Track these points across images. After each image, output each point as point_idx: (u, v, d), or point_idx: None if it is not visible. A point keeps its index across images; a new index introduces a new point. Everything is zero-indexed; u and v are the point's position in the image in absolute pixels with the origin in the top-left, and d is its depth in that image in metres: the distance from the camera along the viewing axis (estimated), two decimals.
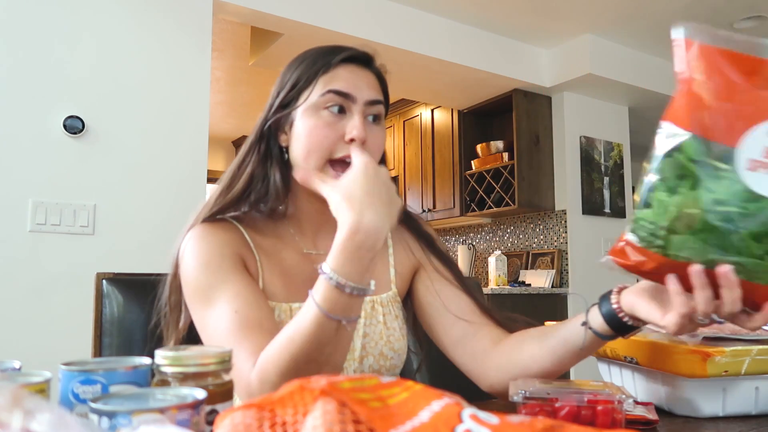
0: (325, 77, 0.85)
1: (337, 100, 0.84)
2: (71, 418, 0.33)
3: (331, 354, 0.69)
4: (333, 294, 0.67)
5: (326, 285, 0.67)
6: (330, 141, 0.83)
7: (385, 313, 0.91)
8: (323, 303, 0.66)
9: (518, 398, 0.66)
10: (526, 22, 3.45)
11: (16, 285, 2.11)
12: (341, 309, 0.67)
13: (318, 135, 0.83)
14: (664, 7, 3.26)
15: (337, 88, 0.84)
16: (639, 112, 4.37)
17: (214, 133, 5.50)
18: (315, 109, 0.84)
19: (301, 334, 0.67)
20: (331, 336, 0.67)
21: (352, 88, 0.85)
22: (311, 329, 0.67)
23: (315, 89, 0.85)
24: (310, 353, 0.67)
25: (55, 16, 2.27)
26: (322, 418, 0.36)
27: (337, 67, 0.86)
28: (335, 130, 0.83)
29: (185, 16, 2.54)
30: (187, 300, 0.83)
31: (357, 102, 0.85)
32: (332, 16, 2.96)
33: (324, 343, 0.67)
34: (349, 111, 0.85)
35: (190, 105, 2.52)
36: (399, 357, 0.92)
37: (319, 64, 0.86)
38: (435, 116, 4.45)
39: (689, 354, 0.73)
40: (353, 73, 0.87)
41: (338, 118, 0.84)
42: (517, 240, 4.27)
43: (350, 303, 0.67)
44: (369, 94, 0.86)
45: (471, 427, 0.36)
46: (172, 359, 0.52)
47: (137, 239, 2.32)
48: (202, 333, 0.80)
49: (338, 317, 0.67)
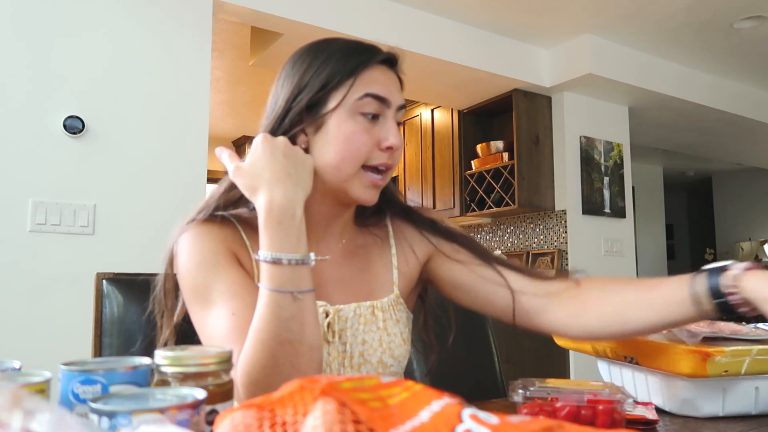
0: (361, 78, 0.81)
1: (374, 104, 0.81)
2: (71, 418, 0.33)
3: (301, 330, 0.69)
4: (273, 270, 0.69)
5: (265, 265, 0.70)
6: (368, 148, 0.81)
7: (386, 319, 0.88)
8: (269, 282, 0.69)
9: (518, 398, 0.66)
10: (526, 22, 3.45)
11: (16, 285, 2.11)
12: (288, 281, 0.69)
13: (357, 142, 0.80)
14: (664, 7, 3.25)
15: (377, 92, 0.81)
16: (639, 112, 4.37)
17: (214, 133, 5.49)
18: (351, 114, 0.81)
19: (262, 320, 0.69)
20: (291, 310, 0.68)
21: (388, 93, 0.82)
22: (268, 310, 0.69)
23: (351, 91, 0.80)
24: (278, 333, 0.67)
25: (56, 16, 2.27)
26: (322, 418, 0.36)
27: (373, 68, 0.82)
28: (372, 137, 0.81)
29: (185, 16, 2.54)
30: (185, 299, 0.82)
31: (391, 107, 0.83)
32: (332, 16, 2.96)
33: (286, 319, 0.68)
34: (382, 116, 0.82)
35: (190, 105, 2.52)
36: (399, 364, 0.89)
37: (353, 59, 0.81)
38: (435, 116, 4.45)
39: (689, 354, 0.72)
40: (386, 75, 0.84)
41: (373, 124, 0.82)
42: (517, 240, 4.27)
43: (294, 274, 0.69)
44: (400, 99, 0.85)
45: (471, 427, 0.36)
46: (172, 359, 0.52)
47: (137, 239, 2.32)
48: (201, 334, 0.79)
49: (288, 290, 0.68)
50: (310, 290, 0.70)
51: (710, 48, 3.82)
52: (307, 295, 0.70)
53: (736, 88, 4.49)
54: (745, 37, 3.63)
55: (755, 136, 5.20)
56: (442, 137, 4.35)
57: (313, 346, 0.70)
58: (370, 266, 0.92)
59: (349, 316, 0.86)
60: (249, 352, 0.68)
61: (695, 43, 3.73)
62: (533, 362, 3.54)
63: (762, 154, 6.06)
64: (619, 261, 4.11)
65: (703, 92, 4.24)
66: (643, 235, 6.48)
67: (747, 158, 6.33)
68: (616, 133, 4.21)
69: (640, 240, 6.04)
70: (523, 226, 4.21)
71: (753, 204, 7.59)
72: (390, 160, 0.83)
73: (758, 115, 4.63)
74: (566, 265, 3.88)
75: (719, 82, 4.37)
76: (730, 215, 7.83)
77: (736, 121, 4.64)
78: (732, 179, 7.78)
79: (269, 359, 0.67)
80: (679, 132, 5.04)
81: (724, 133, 5.06)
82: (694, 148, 5.74)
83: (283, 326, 0.67)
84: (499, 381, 1.33)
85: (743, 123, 4.70)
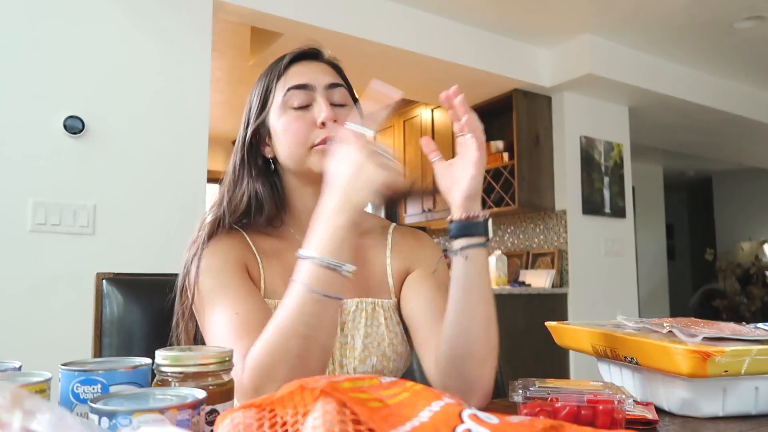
0: (282, 80, 0.92)
1: (299, 93, 0.89)
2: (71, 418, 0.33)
3: (318, 329, 0.70)
4: (309, 268, 0.71)
5: (302, 261, 0.72)
6: (304, 131, 0.88)
7: (387, 317, 0.91)
8: (302, 277, 0.71)
9: (518, 398, 0.66)
10: (526, 21, 3.45)
11: (16, 285, 2.11)
12: (318, 282, 0.70)
13: (291, 129, 0.88)
14: (664, 7, 3.25)
15: (295, 83, 0.90)
16: (639, 112, 4.37)
17: (214, 133, 5.48)
18: (282, 110, 0.90)
19: (285, 309, 0.71)
20: (314, 309, 0.70)
21: (308, 79, 0.90)
22: (294, 302, 0.70)
23: (277, 93, 0.91)
24: (296, 326, 0.69)
25: (56, 16, 2.27)
26: (322, 418, 0.36)
27: (289, 68, 0.93)
28: (306, 120, 0.89)
29: (185, 16, 2.54)
30: (194, 304, 0.85)
31: (317, 89, 0.90)
32: (332, 16, 2.96)
33: (308, 314, 0.70)
34: (313, 101, 0.90)
35: (190, 105, 2.52)
36: (401, 360, 0.92)
37: (274, 71, 0.93)
38: (435, 116, 4.45)
39: (689, 354, 0.72)
40: (306, 67, 0.93)
41: (306, 111, 0.89)
42: (517, 240, 4.27)
43: (326, 278, 0.71)
44: (326, 80, 0.92)
45: (471, 427, 0.36)
46: (172, 359, 0.52)
47: (137, 239, 2.32)
48: (205, 334, 0.82)
49: (317, 291, 0.70)
50: (338, 298, 0.72)
51: (710, 48, 3.82)
52: (333, 301, 0.71)
53: (737, 88, 4.49)
54: (745, 38, 3.63)
55: (755, 136, 5.20)
56: (442, 137, 4.35)
57: (325, 347, 0.72)
58: (366, 265, 0.95)
59: (351, 309, 0.89)
60: (265, 336, 0.71)
61: (696, 43, 3.73)
62: (533, 362, 3.54)
63: (762, 154, 6.06)
64: (619, 261, 4.11)
65: (704, 92, 4.24)
66: (643, 235, 6.48)
67: (747, 158, 6.33)
68: (616, 133, 4.21)
69: (640, 240, 6.04)
70: (523, 226, 4.21)
71: (753, 204, 7.59)
72: (332, 133, 0.87)
73: (758, 115, 4.63)
74: (566, 264, 3.88)
75: (719, 82, 4.38)
76: (730, 215, 7.83)
77: (737, 121, 4.64)
78: (732, 179, 7.78)
79: (282, 347, 0.69)
80: (679, 132, 5.04)
81: (725, 133, 5.06)
82: (694, 148, 5.74)
83: (303, 321, 0.70)
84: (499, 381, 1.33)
85: (743, 123, 4.70)
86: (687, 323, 0.86)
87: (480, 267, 0.79)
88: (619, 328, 0.89)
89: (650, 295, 6.70)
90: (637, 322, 0.89)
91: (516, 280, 4.05)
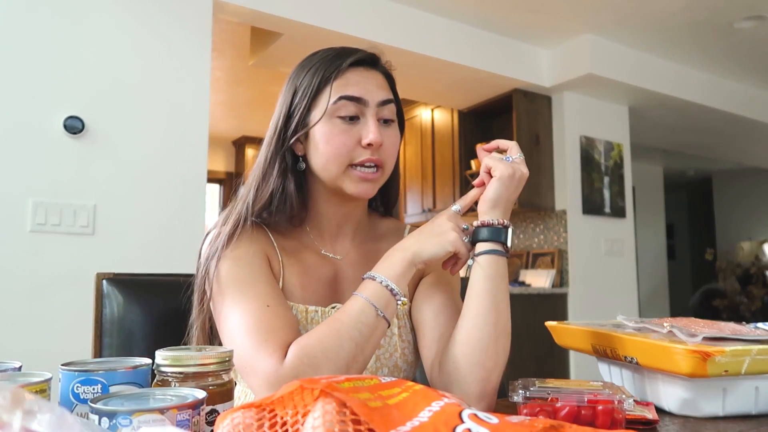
0: (335, 84, 0.86)
1: (350, 105, 0.85)
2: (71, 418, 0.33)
3: (366, 340, 0.75)
4: (376, 288, 0.77)
5: (370, 282, 0.78)
6: (348, 148, 0.85)
7: (400, 326, 0.90)
8: (369, 293, 0.77)
9: (518, 398, 0.66)
10: (526, 21, 3.45)
11: (16, 285, 2.11)
12: (380, 300, 0.76)
13: (335, 143, 0.85)
14: (664, 7, 3.25)
15: (350, 93, 0.85)
16: (639, 112, 4.37)
17: (214, 133, 5.50)
18: (329, 117, 0.85)
19: (346, 313, 0.75)
20: (369, 321, 0.75)
21: (363, 92, 0.86)
22: (354, 309, 0.76)
23: (328, 96, 0.85)
24: (350, 330, 0.74)
25: (56, 16, 2.27)
26: (322, 418, 0.36)
27: (346, 72, 0.87)
28: (351, 136, 0.85)
29: (185, 16, 2.54)
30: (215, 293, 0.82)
31: (369, 105, 0.86)
32: (332, 16, 2.96)
33: (363, 324, 0.75)
34: (362, 115, 0.86)
35: (190, 105, 2.52)
36: (411, 369, 0.92)
37: (329, 70, 0.86)
38: (435, 116, 4.45)
39: (689, 354, 0.72)
40: (362, 76, 0.88)
41: (353, 124, 0.86)
42: (517, 240, 4.27)
43: (387, 300, 0.77)
44: (380, 95, 0.87)
45: (471, 427, 0.36)
46: (172, 359, 0.52)
47: (137, 239, 2.32)
48: (227, 325, 0.78)
49: (377, 306, 0.76)
50: (388, 321, 0.77)
51: (710, 48, 3.82)
52: (384, 322, 0.77)
53: (737, 88, 4.49)
54: (745, 37, 3.63)
55: (755, 136, 5.20)
56: (442, 137, 4.35)
57: (365, 362, 0.76)
58: None
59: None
60: (321, 331, 0.74)
61: (695, 43, 3.73)
62: (533, 362, 3.54)
63: (762, 154, 6.06)
64: (619, 261, 4.11)
65: (704, 92, 4.24)
66: (643, 235, 6.48)
67: (747, 158, 6.33)
68: (616, 133, 4.21)
69: (640, 240, 6.04)
70: (524, 225, 4.21)
71: (753, 204, 7.59)
72: (375, 156, 0.85)
73: (758, 115, 4.63)
74: (566, 264, 3.88)
75: (719, 81, 4.37)
76: (730, 215, 7.83)
77: (736, 120, 4.64)
78: (732, 179, 7.78)
79: (336, 345, 0.73)
80: (679, 132, 5.04)
81: (724, 133, 5.06)
82: (694, 148, 5.74)
83: (359, 328, 0.75)
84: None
85: (743, 123, 4.70)
86: (687, 323, 0.86)
87: (491, 274, 0.79)
88: (619, 328, 0.89)
89: (650, 295, 6.70)
90: (637, 322, 0.89)
91: (516, 279, 4.05)
